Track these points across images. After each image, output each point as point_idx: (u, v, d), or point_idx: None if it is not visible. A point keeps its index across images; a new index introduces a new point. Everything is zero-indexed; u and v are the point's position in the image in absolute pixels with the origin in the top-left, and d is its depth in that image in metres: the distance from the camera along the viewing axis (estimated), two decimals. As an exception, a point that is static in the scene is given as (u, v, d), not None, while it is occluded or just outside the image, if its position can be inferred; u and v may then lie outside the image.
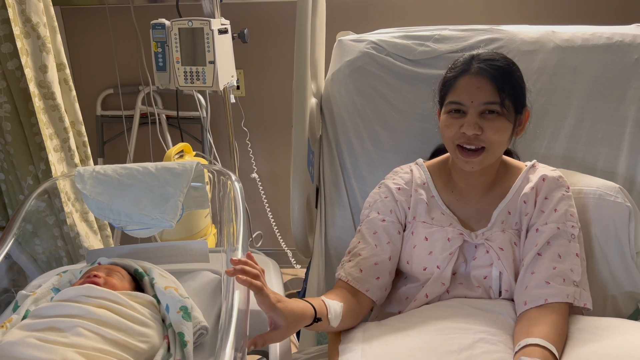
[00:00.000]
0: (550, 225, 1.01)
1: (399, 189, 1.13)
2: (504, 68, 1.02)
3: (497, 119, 1.00)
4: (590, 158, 1.32)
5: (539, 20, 1.54)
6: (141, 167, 1.18)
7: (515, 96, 1.02)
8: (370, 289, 1.05)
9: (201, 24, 1.63)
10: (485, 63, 1.02)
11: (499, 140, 1.01)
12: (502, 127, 1.01)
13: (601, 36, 1.33)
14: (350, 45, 1.43)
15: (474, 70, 1.02)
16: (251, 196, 2.39)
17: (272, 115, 2.31)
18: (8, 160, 1.61)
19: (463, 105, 1.02)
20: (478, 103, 1.00)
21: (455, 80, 1.04)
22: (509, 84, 1.01)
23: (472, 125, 0.99)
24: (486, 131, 1.00)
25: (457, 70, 1.05)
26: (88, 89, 2.28)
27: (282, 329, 0.87)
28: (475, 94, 1.00)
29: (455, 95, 1.03)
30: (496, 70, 1.01)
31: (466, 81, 1.02)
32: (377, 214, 1.12)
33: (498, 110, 1.00)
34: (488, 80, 1.00)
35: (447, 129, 1.04)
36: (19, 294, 1.02)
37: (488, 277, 1.04)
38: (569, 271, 0.98)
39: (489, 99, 1.00)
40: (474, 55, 1.05)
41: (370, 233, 1.10)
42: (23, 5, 1.46)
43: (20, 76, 1.50)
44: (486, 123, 1.00)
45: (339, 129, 1.42)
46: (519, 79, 1.04)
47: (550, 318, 0.92)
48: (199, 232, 1.85)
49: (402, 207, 1.12)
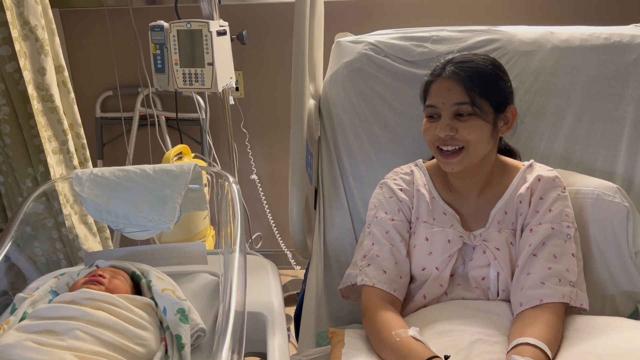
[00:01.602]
0: (545, 226, 1.02)
1: (401, 190, 1.14)
2: (477, 68, 1.04)
3: (471, 118, 1.02)
4: (589, 158, 1.32)
5: (537, 21, 1.54)
6: (139, 169, 1.18)
7: (490, 95, 1.03)
8: (397, 289, 1.06)
9: (200, 26, 1.63)
10: (457, 66, 1.05)
11: (475, 139, 1.03)
12: (477, 127, 1.02)
13: (599, 36, 1.33)
14: (348, 46, 1.43)
15: (446, 73, 1.05)
16: (251, 197, 2.39)
17: (271, 116, 2.31)
18: (7, 162, 1.61)
19: (437, 108, 1.05)
20: (449, 105, 1.03)
21: (430, 85, 1.08)
22: (480, 84, 1.03)
23: (444, 127, 1.03)
24: (460, 131, 1.02)
25: (433, 75, 1.09)
26: (87, 91, 2.28)
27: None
28: (446, 96, 1.03)
29: (430, 99, 1.07)
30: (466, 71, 1.04)
31: (438, 85, 1.06)
32: (385, 213, 1.12)
33: (469, 110, 1.02)
34: (457, 82, 1.03)
35: (426, 133, 1.08)
36: (17, 297, 1.02)
37: (486, 277, 1.04)
38: (565, 271, 0.98)
39: (459, 100, 1.02)
40: (448, 60, 1.08)
41: (382, 233, 1.10)
42: (21, 8, 1.46)
43: (18, 78, 1.50)
44: (459, 124, 1.03)
45: (338, 130, 1.42)
46: (496, 77, 1.06)
47: (544, 318, 0.92)
48: (197, 234, 1.85)
49: (406, 206, 1.13)
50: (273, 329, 1.00)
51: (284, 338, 0.99)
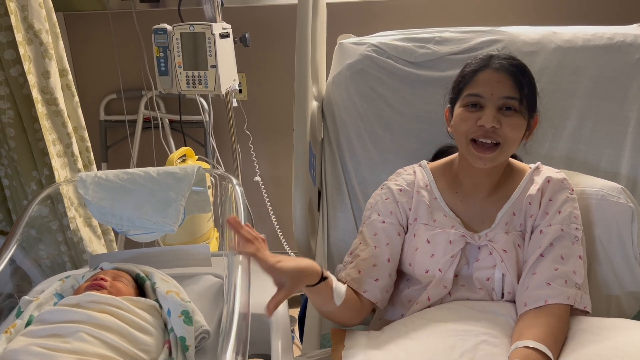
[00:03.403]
0: (554, 227, 1.01)
1: (400, 190, 1.13)
2: (524, 68, 1.03)
3: (515, 115, 1.00)
4: (593, 158, 1.32)
5: (539, 21, 1.54)
6: (143, 172, 1.18)
7: (530, 97, 1.02)
8: (369, 290, 1.05)
9: (203, 29, 1.63)
10: (506, 60, 1.03)
11: (514, 138, 1.01)
12: (519, 124, 1.01)
13: (602, 36, 1.32)
14: (351, 48, 1.43)
15: (494, 65, 1.02)
16: (254, 199, 2.39)
17: (275, 118, 2.32)
18: (12, 166, 1.62)
19: (482, 98, 1.01)
20: (498, 97, 1.00)
21: (474, 74, 1.04)
22: (527, 82, 1.02)
23: (491, 118, 0.99)
24: (504, 126, 0.99)
25: (477, 65, 1.05)
26: (91, 94, 2.29)
27: (286, 287, 0.87)
28: (495, 87, 1.00)
29: (474, 88, 1.03)
30: (516, 67, 1.02)
31: (487, 75, 1.02)
32: (378, 215, 1.12)
33: (516, 106, 1.00)
34: (508, 76, 1.01)
35: (463, 123, 1.03)
36: (22, 300, 1.02)
37: (491, 278, 1.03)
38: (572, 273, 0.97)
39: (509, 94, 1.00)
40: (492, 55, 1.05)
41: (371, 234, 1.10)
42: (25, 12, 1.47)
43: (23, 82, 1.51)
44: (504, 118, 1.00)
45: (341, 131, 1.42)
46: (533, 81, 1.05)
47: (547, 320, 0.92)
48: (201, 236, 1.85)
49: (402, 208, 1.12)
50: (277, 330, 1.00)
51: (288, 339, 0.99)
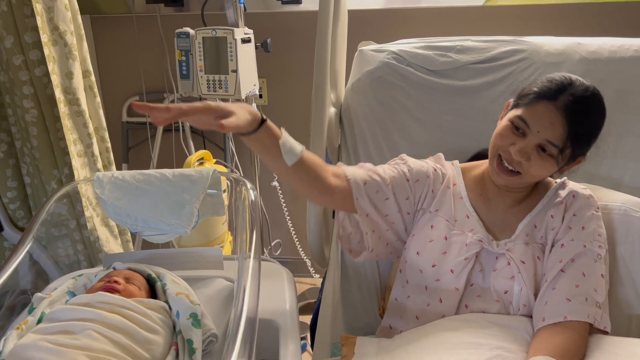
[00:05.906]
0: (577, 243, 0.99)
1: (435, 170, 1.12)
2: (590, 117, 0.98)
3: (548, 159, 0.98)
4: (616, 173, 1.28)
5: (564, 31, 1.51)
6: (159, 174, 1.19)
7: (578, 148, 0.98)
8: (360, 199, 1.04)
9: (225, 33, 1.64)
10: (576, 99, 0.96)
11: (537, 175, 1.01)
12: (547, 167, 0.99)
13: (629, 48, 1.30)
14: (370, 55, 1.42)
15: (560, 100, 0.96)
16: (271, 204, 2.39)
17: (294, 124, 2.30)
18: (33, 164, 1.64)
19: (528, 128, 0.98)
20: (541, 137, 0.97)
21: (537, 100, 0.98)
22: (582, 135, 0.97)
23: (522, 153, 0.97)
24: (532, 163, 0.98)
25: (545, 91, 0.98)
26: (114, 95, 2.32)
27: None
28: (545, 128, 0.96)
29: (527, 114, 0.98)
30: (579, 114, 0.96)
31: (545, 109, 0.97)
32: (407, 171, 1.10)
33: (554, 153, 0.97)
34: (565, 122, 0.95)
35: (499, 137, 1.01)
36: (35, 296, 1.03)
37: (509, 291, 1.01)
38: (593, 291, 0.95)
39: (553, 140, 0.96)
40: (572, 82, 0.98)
41: (393, 173, 1.09)
42: (51, 14, 1.49)
43: (47, 82, 1.53)
44: (535, 156, 0.98)
45: (358, 138, 1.41)
46: (596, 133, 1.00)
47: (565, 336, 0.89)
48: (215, 239, 1.86)
49: (428, 185, 1.11)
50: (286, 337, 0.99)
51: (297, 346, 0.98)
